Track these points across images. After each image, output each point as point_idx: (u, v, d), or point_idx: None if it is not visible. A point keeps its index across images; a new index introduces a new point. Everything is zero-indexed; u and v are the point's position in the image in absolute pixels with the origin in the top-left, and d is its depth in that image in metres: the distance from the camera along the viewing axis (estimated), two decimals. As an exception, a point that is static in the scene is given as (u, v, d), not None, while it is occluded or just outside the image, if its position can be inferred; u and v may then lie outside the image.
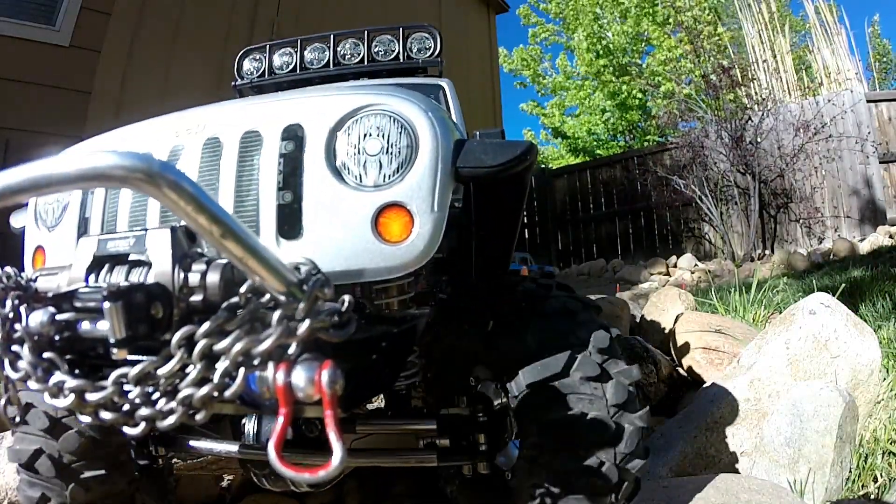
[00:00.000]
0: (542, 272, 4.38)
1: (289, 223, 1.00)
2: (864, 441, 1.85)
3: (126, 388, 0.70)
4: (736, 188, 8.01)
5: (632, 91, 13.27)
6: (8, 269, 0.84)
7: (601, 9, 13.91)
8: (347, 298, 0.74)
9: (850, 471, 1.76)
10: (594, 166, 10.10)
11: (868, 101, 7.67)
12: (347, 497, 1.91)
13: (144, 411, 0.69)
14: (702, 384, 2.28)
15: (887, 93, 8.40)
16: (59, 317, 0.75)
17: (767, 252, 7.51)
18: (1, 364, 0.77)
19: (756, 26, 9.89)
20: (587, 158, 13.57)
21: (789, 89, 9.26)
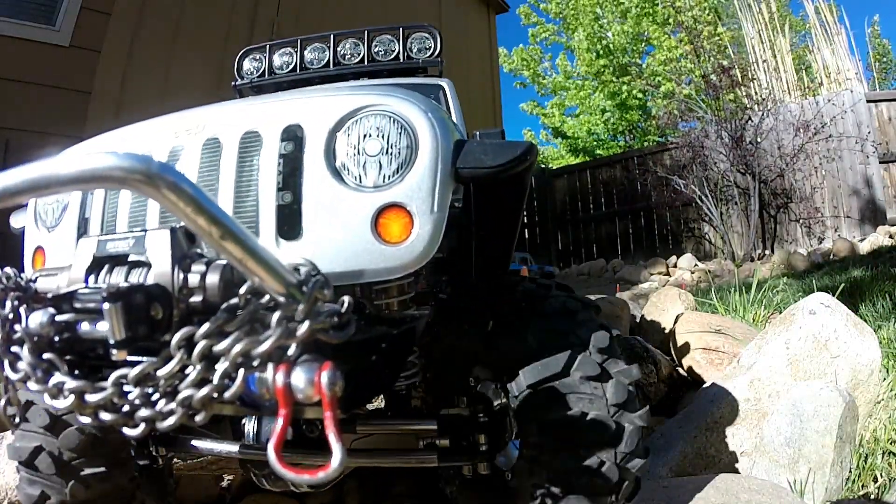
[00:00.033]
0: (542, 272, 4.38)
1: (288, 224, 1.00)
2: (864, 441, 1.85)
3: (126, 389, 0.70)
4: (736, 188, 8.01)
5: (632, 91, 13.27)
6: (8, 270, 0.84)
7: (601, 9, 13.90)
8: (347, 299, 0.74)
9: (850, 471, 1.76)
10: (594, 166, 10.10)
11: (868, 101, 7.67)
12: (347, 497, 1.91)
13: (144, 412, 0.69)
14: (702, 384, 2.28)
15: (887, 93, 8.40)
16: (59, 318, 0.75)
17: (767, 252, 7.51)
18: (1, 365, 0.77)
19: (756, 26, 9.88)
20: (587, 158, 13.56)
21: (789, 89, 9.26)
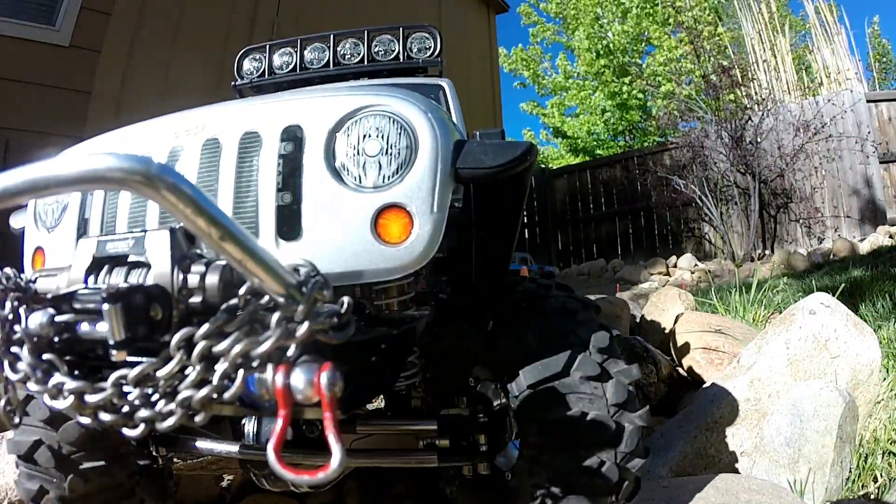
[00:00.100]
0: (542, 272, 4.38)
1: (288, 224, 1.00)
2: (864, 441, 1.85)
3: (125, 390, 0.70)
4: (736, 188, 8.01)
5: (632, 91, 13.26)
6: (7, 270, 0.84)
7: (601, 8, 13.90)
8: (346, 300, 0.74)
9: (850, 471, 1.76)
10: (594, 166, 10.10)
11: (868, 101, 7.67)
12: (347, 497, 1.91)
13: (144, 413, 0.69)
14: (702, 384, 2.28)
15: (887, 93, 8.39)
16: (59, 318, 0.75)
17: (767, 252, 7.51)
18: (1, 365, 0.77)
19: (756, 26, 9.88)
20: (587, 158, 13.56)
21: (789, 89, 9.26)
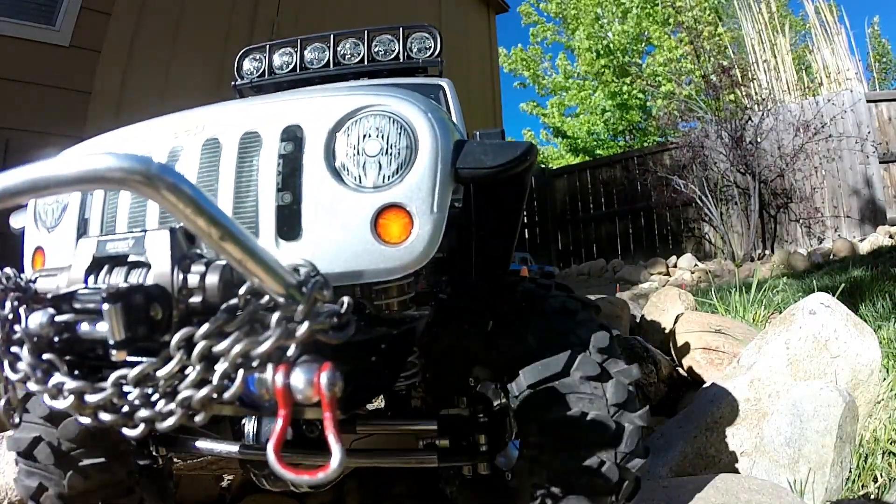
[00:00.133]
0: (542, 272, 4.39)
1: (288, 224, 1.00)
2: (864, 441, 1.85)
3: (125, 390, 0.70)
4: (736, 188, 8.01)
5: (632, 91, 13.26)
6: (7, 270, 0.84)
7: (601, 8, 13.90)
8: (346, 300, 0.74)
9: (850, 471, 1.76)
10: (594, 166, 10.10)
11: (868, 101, 7.67)
12: (347, 497, 1.91)
13: (144, 413, 0.69)
14: (702, 384, 2.28)
15: (887, 93, 8.39)
16: (59, 318, 0.75)
17: (767, 252, 7.51)
18: (1, 365, 0.77)
19: (756, 26, 9.89)
20: (587, 158, 13.56)
21: (789, 89, 9.26)
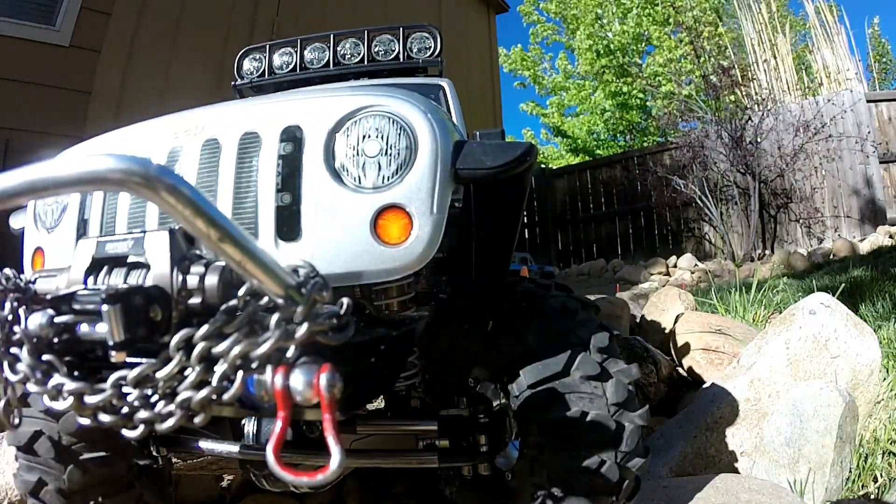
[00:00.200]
0: (542, 272, 4.39)
1: (287, 225, 1.00)
2: (864, 441, 1.85)
3: (125, 391, 0.70)
4: (736, 188, 8.01)
5: (632, 91, 13.26)
6: (7, 271, 0.84)
7: (602, 8, 13.90)
8: (346, 301, 0.74)
9: (850, 471, 1.76)
10: (594, 166, 10.10)
11: (868, 101, 7.67)
12: (347, 497, 1.91)
13: (143, 414, 0.69)
14: (702, 384, 2.28)
15: (887, 93, 8.39)
16: (58, 319, 0.75)
17: (767, 252, 7.51)
18: (0, 366, 0.77)
19: (756, 26, 9.88)
20: (587, 158, 13.56)
21: (789, 89, 9.26)
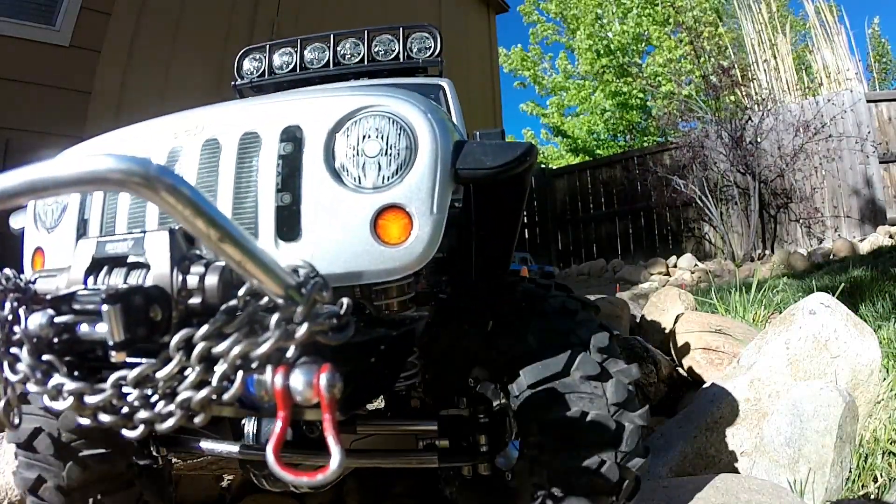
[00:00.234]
0: (542, 272, 4.39)
1: (287, 225, 1.00)
2: (864, 441, 1.85)
3: (125, 391, 0.70)
4: (736, 188, 8.01)
5: (632, 91, 13.26)
6: (7, 271, 0.84)
7: (602, 8, 13.89)
8: (346, 301, 0.74)
9: (850, 471, 1.76)
10: (594, 166, 10.10)
11: (868, 101, 7.67)
12: (347, 497, 1.91)
13: (143, 414, 0.69)
14: (702, 384, 2.28)
15: (887, 93, 8.39)
16: (58, 319, 0.75)
17: (767, 252, 7.51)
18: (0, 366, 0.77)
19: (756, 26, 9.88)
20: (587, 158, 13.56)
21: (789, 89, 9.25)
